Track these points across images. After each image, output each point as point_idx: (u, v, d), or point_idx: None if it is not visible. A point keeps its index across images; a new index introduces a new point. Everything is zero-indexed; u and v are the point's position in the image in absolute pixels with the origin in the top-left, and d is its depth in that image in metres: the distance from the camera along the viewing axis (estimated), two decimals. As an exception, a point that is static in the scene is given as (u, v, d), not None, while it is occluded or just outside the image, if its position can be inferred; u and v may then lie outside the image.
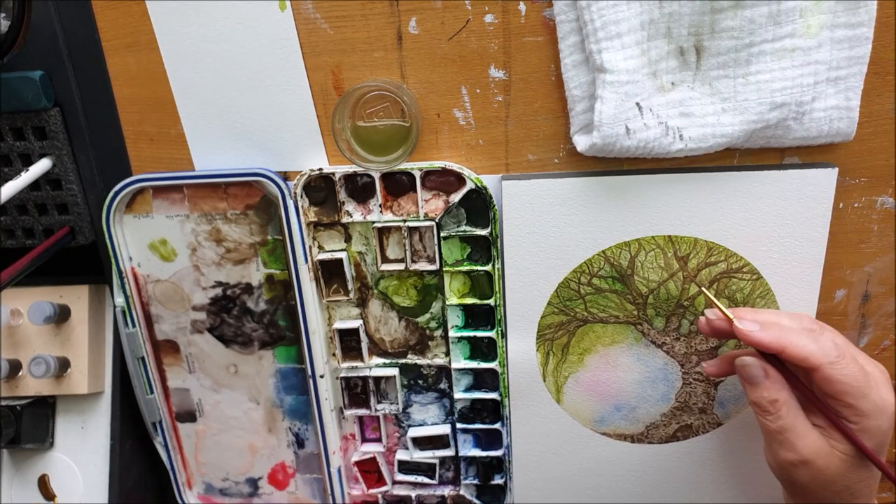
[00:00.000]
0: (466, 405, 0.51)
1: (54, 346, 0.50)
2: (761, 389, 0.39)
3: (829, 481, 0.37)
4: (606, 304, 0.46)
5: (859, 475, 0.37)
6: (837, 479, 0.37)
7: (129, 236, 0.48)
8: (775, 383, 0.38)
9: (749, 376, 0.39)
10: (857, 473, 0.37)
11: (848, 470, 0.37)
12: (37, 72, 0.43)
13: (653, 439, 0.50)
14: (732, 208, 0.42)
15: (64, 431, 0.53)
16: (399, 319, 0.49)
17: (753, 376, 0.39)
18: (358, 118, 0.42)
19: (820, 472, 0.37)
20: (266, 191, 0.46)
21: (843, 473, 0.37)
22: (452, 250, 0.46)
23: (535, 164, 0.44)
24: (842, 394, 0.36)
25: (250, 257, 0.48)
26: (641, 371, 0.48)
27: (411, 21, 0.41)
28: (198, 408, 0.53)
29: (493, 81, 0.42)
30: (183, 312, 0.50)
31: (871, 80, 0.39)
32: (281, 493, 0.55)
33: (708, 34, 0.38)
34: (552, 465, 0.51)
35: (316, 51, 0.42)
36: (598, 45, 0.37)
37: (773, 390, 0.38)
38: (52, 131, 0.45)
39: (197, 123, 0.45)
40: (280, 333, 0.50)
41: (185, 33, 0.42)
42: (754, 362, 0.39)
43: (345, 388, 0.51)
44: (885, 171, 0.42)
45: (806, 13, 0.37)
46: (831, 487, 0.37)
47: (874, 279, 0.45)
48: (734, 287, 0.44)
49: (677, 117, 0.39)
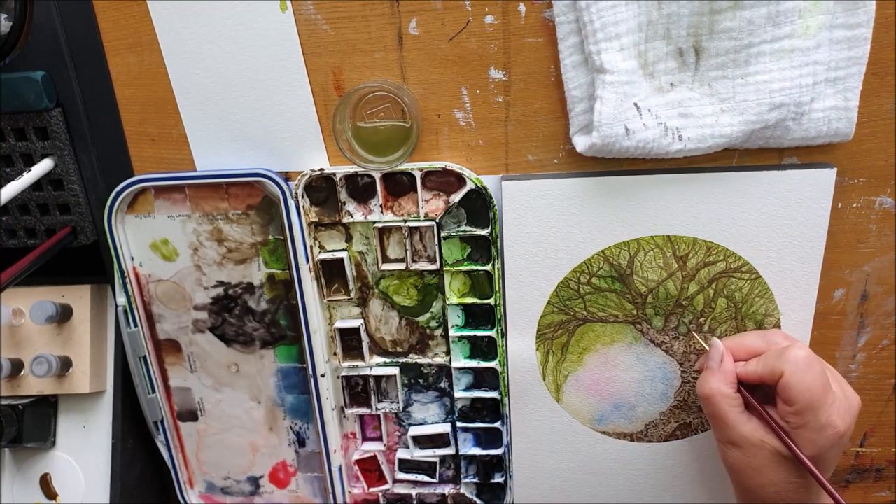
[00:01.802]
0: (466, 404, 0.51)
1: (56, 346, 0.50)
2: (707, 375, 0.42)
3: (756, 469, 0.40)
4: (606, 304, 0.46)
5: (786, 476, 0.40)
6: (764, 471, 0.40)
7: (131, 236, 0.48)
8: (721, 375, 0.42)
9: (709, 357, 0.43)
10: (784, 474, 0.40)
11: (776, 466, 0.40)
12: (39, 72, 0.44)
13: (652, 438, 0.50)
14: (731, 208, 0.43)
15: (66, 430, 0.53)
16: (400, 319, 0.49)
17: (711, 359, 0.43)
18: (359, 119, 0.42)
19: (748, 457, 0.40)
20: (267, 191, 0.46)
21: (771, 467, 0.40)
22: (453, 250, 0.46)
23: (535, 165, 0.44)
24: (791, 400, 0.38)
25: (252, 257, 0.48)
26: (640, 370, 0.48)
27: (412, 22, 0.41)
28: (199, 407, 0.53)
29: (493, 82, 0.42)
30: (184, 312, 0.50)
31: (870, 80, 0.39)
32: (282, 491, 0.56)
33: (707, 35, 0.38)
34: (552, 463, 0.51)
35: (317, 51, 0.42)
36: (598, 45, 0.38)
37: (715, 381, 0.42)
38: (54, 132, 0.45)
39: (198, 124, 0.45)
40: (281, 333, 0.50)
41: (187, 34, 0.42)
42: (718, 346, 0.43)
43: (346, 387, 0.51)
44: (883, 171, 0.42)
45: (805, 14, 0.37)
46: (757, 478, 0.41)
47: (873, 279, 0.45)
48: (733, 286, 0.45)
49: (676, 118, 0.40)
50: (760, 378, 0.40)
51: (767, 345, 0.42)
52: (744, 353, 0.43)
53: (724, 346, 0.43)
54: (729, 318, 0.45)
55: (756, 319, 0.45)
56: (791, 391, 0.38)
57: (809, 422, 0.38)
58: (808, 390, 0.38)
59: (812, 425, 0.38)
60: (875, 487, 0.52)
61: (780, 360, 0.39)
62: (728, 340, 0.44)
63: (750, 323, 0.45)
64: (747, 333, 0.45)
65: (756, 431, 0.40)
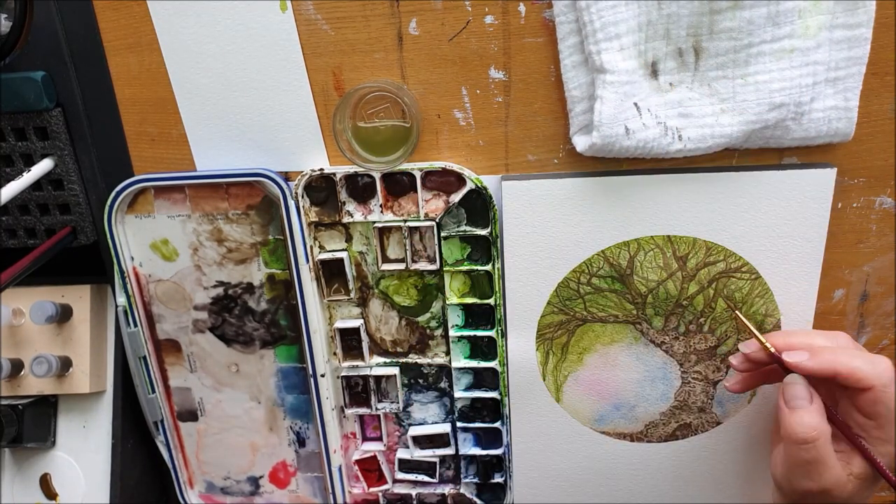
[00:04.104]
0: (466, 404, 0.51)
1: (56, 346, 0.50)
2: (802, 414, 0.37)
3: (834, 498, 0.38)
4: (606, 304, 0.46)
5: (862, 496, 0.38)
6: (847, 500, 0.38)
7: (131, 236, 0.48)
8: (818, 410, 0.37)
9: (792, 397, 0.37)
10: (862, 495, 0.38)
11: (857, 493, 0.37)
12: (39, 72, 0.44)
13: (652, 438, 0.50)
14: (731, 208, 0.43)
15: (66, 430, 0.53)
16: (399, 319, 0.49)
17: (797, 397, 0.37)
18: (359, 119, 0.42)
19: (834, 499, 0.37)
20: (267, 191, 0.46)
21: (851, 497, 0.37)
22: (452, 250, 0.46)
23: (535, 165, 0.44)
24: (881, 416, 0.36)
25: (251, 257, 0.48)
26: (640, 370, 0.48)
27: (412, 22, 0.41)
28: (199, 407, 0.53)
29: (493, 82, 0.42)
30: (184, 312, 0.50)
31: (870, 80, 0.39)
32: (282, 491, 0.56)
33: (707, 35, 0.38)
34: (552, 463, 0.51)
35: (317, 52, 0.42)
36: (598, 45, 0.38)
37: (816, 418, 0.36)
38: (54, 132, 0.45)
39: (198, 124, 0.45)
40: (281, 333, 0.50)
41: (187, 34, 0.42)
42: (802, 383, 0.38)
43: (345, 387, 0.51)
44: (883, 171, 0.42)
45: (805, 14, 0.37)
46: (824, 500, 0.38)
47: (873, 279, 0.45)
48: (733, 286, 0.45)
49: (676, 118, 0.40)
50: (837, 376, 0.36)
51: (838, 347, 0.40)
52: None
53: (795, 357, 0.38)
54: (729, 318, 0.45)
55: (756, 319, 0.45)
56: (880, 406, 0.36)
57: (891, 436, 0.36)
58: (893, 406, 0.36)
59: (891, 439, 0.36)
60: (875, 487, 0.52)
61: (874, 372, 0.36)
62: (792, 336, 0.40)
63: (750, 323, 0.45)
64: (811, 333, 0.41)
65: (842, 468, 0.37)
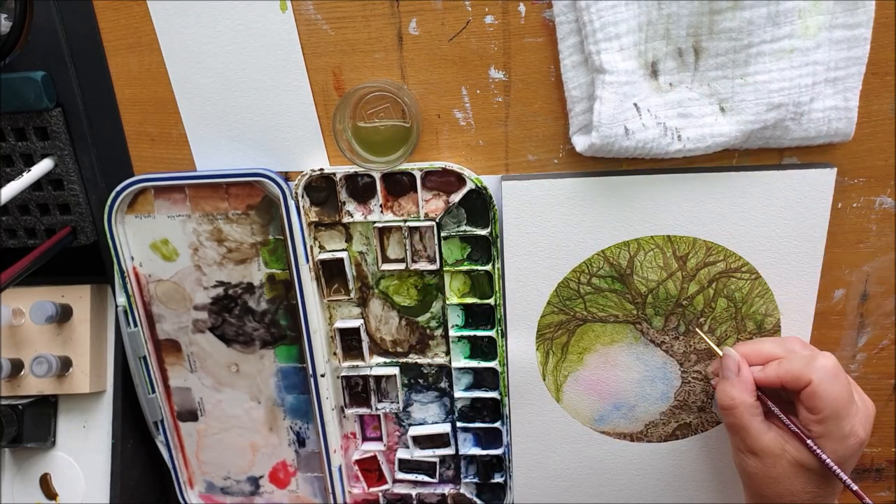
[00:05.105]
0: (466, 404, 0.51)
1: (56, 346, 0.50)
2: (726, 385, 0.41)
3: (775, 478, 0.40)
4: (606, 304, 0.46)
5: (804, 486, 0.39)
6: (782, 480, 0.40)
7: (131, 236, 0.48)
8: (741, 384, 0.41)
9: (724, 367, 0.42)
10: (802, 483, 0.39)
11: (794, 475, 0.39)
12: (39, 72, 0.44)
13: (652, 438, 0.50)
14: (731, 208, 0.43)
15: (66, 430, 0.53)
16: (399, 319, 0.49)
17: (727, 368, 0.42)
18: (359, 119, 0.42)
19: (767, 467, 0.40)
20: (267, 191, 0.46)
21: (789, 477, 0.40)
22: (452, 250, 0.46)
23: (535, 165, 0.44)
24: (821, 410, 0.38)
25: (251, 257, 0.48)
26: (640, 370, 0.48)
27: (412, 22, 0.41)
28: (199, 407, 0.53)
29: (493, 82, 0.42)
30: (184, 312, 0.50)
31: (870, 80, 0.40)
32: (282, 491, 0.56)
33: (706, 35, 0.38)
34: (552, 463, 0.51)
35: (317, 52, 0.42)
36: (597, 46, 0.38)
37: (736, 391, 0.41)
38: (54, 132, 0.45)
39: (198, 124, 0.45)
40: (281, 333, 0.50)
41: (187, 34, 0.42)
42: (733, 355, 0.42)
43: (345, 387, 0.51)
44: (883, 171, 0.42)
45: (804, 14, 0.37)
46: (774, 487, 0.40)
47: (873, 279, 0.45)
48: (733, 286, 0.45)
49: (676, 118, 0.40)
50: (782, 383, 0.39)
51: (785, 352, 0.42)
52: (760, 359, 0.42)
53: (739, 354, 0.42)
54: (729, 318, 0.46)
55: (756, 319, 0.45)
56: (818, 400, 0.38)
57: (832, 431, 0.38)
58: (835, 400, 0.37)
59: (835, 434, 0.38)
60: (875, 487, 0.52)
61: (809, 368, 0.38)
62: (742, 346, 0.43)
63: (750, 323, 0.45)
64: (762, 340, 0.44)
65: (777, 440, 0.40)
